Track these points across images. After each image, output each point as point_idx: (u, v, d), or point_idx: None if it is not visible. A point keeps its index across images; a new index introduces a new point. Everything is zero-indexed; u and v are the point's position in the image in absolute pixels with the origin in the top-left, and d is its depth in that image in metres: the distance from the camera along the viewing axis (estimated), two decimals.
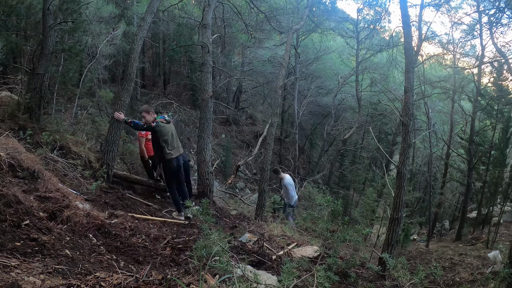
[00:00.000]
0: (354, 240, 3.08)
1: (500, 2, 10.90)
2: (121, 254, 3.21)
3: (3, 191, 3.22)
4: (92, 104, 10.57)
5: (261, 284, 2.14)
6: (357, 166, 20.02)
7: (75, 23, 7.36)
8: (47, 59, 6.37)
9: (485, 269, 7.67)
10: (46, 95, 6.72)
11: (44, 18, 6.24)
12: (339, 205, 3.06)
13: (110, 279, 1.78)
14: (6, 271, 2.07)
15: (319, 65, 19.96)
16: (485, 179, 13.46)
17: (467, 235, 13.58)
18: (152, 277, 1.81)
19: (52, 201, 3.60)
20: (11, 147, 4.24)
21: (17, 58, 9.28)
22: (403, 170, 5.88)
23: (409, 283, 2.94)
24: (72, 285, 1.72)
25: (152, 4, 6.82)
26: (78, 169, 5.82)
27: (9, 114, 6.13)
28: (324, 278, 2.46)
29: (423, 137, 17.35)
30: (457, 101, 17.47)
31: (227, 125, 20.13)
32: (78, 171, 5.75)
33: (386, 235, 6.21)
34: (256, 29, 15.51)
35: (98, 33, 10.68)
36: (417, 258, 10.56)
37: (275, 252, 4.10)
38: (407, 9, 6.45)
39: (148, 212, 5.52)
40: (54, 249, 2.68)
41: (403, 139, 6.20)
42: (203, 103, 7.93)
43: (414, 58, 8.06)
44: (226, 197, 11.45)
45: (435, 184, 17.42)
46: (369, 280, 4.11)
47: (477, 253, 10.39)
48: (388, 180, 9.73)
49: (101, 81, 12.87)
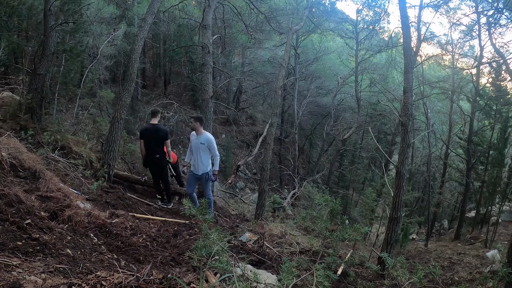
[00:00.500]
0: (353, 239, 3.08)
1: (498, 3, 10.90)
2: (122, 254, 3.21)
3: (5, 190, 3.22)
4: (93, 104, 10.58)
5: (260, 283, 2.14)
6: (357, 166, 20.02)
7: (76, 24, 7.37)
8: (49, 59, 6.38)
9: (483, 268, 7.67)
10: (48, 96, 6.73)
11: (46, 19, 6.25)
12: (338, 205, 3.05)
13: (111, 278, 1.78)
14: (7, 270, 2.07)
15: (318, 66, 19.95)
16: (484, 179, 13.46)
17: (466, 234, 13.58)
18: (152, 276, 1.81)
19: (53, 200, 3.60)
20: (13, 147, 4.24)
21: (19, 58, 9.28)
22: (402, 170, 5.88)
23: (408, 282, 2.94)
24: (73, 284, 1.72)
25: (152, 5, 6.82)
26: (79, 169, 5.83)
27: (11, 114, 6.14)
28: (324, 277, 2.46)
29: (422, 137, 17.37)
30: (455, 101, 17.47)
31: (227, 125, 20.13)
32: (79, 171, 5.75)
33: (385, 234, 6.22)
34: (256, 30, 15.50)
35: (99, 34, 10.69)
36: (416, 257, 10.56)
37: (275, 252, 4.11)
38: (406, 10, 6.46)
39: (148, 211, 5.52)
40: (55, 248, 2.68)
41: (402, 139, 6.21)
42: (203, 103, 7.94)
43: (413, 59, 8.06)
44: (227, 197, 11.45)
45: (434, 183, 17.42)
46: (368, 279, 4.11)
47: (476, 252, 10.40)
48: (387, 180, 9.74)
49: (102, 82, 12.87)
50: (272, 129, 8.91)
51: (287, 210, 11.58)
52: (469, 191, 15.11)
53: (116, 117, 6.16)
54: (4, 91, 7.34)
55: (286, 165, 18.11)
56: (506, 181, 13.01)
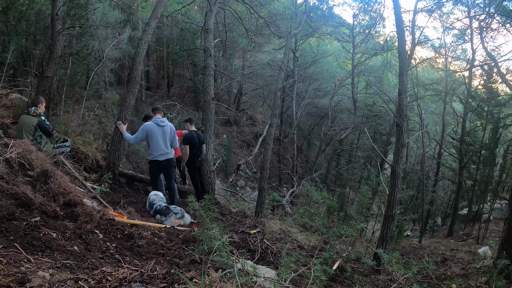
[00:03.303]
0: (350, 235, 3.09)
1: (490, 8, 10.89)
2: (126, 250, 3.21)
3: (14, 189, 3.23)
4: (99, 106, 10.59)
5: (260, 277, 2.14)
6: (353, 165, 20.03)
7: (82, 28, 7.38)
8: (56, 62, 6.39)
9: (475, 264, 7.67)
10: (55, 97, 6.74)
11: (53, 23, 6.25)
12: (335, 202, 3.06)
13: (116, 274, 1.78)
14: (16, 266, 2.07)
15: (316, 68, 19.94)
16: (476, 178, 13.47)
17: (458, 231, 13.59)
18: (156, 271, 1.81)
19: (61, 198, 3.61)
20: (22, 147, 4.24)
21: (27, 61, 9.29)
22: (397, 169, 5.89)
23: (403, 277, 2.94)
24: (80, 279, 1.72)
25: (156, 9, 6.83)
26: (86, 168, 5.83)
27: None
28: (321, 272, 2.46)
29: (416, 137, 17.36)
30: (448, 102, 17.48)
31: (228, 125, 20.13)
32: (85, 170, 5.75)
33: (380, 231, 6.22)
34: (256, 34, 15.49)
35: (105, 38, 10.69)
36: (411, 253, 10.56)
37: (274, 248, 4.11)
38: (401, 14, 6.46)
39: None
40: (62, 245, 2.69)
41: (397, 139, 6.21)
42: (205, 104, 7.94)
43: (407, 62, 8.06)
44: (228, 195, 11.45)
45: (427, 182, 17.42)
46: (364, 274, 4.12)
47: (468, 248, 10.41)
48: (382, 179, 9.76)
49: (108, 84, 12.87)
50: (272, 130, 8.92)
51: (286, 208, 11.58)
52: (461, 190, 15.12)
53: (121, 118, 6.17)
54: (13, 92, 7.35)
55: (285, 164, 18.11)
56: (497, 179, 13.02)
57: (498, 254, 5.12)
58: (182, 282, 1.68)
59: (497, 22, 11.52)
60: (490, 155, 12.63)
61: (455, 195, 15.44)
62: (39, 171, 3.88)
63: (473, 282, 4.64)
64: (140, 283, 1.70)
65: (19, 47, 8.01)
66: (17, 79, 8.56)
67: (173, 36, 16.62)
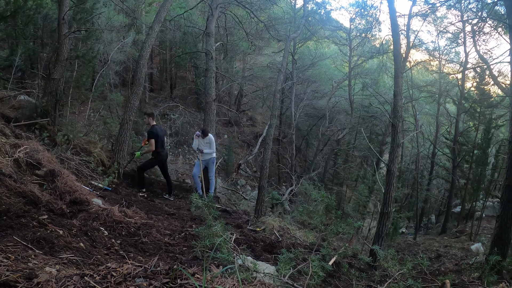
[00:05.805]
0: (347, 233, 3.08)
1: (482, 12, 10.89)
2: (131, 246, 3.21)
3: (22, 188, 3.23)
4: (104, 107, 10.58)
5: (260, 273, 2.14)
6: (350, 164, 20.01)
7: (88, 31, 7.37)
8: (62, 65, 6.38)
9: (468, 260, 7.67)
10: (61, 99, 6.73)
11: (60, 27, 6.25)
12: (333, 200, 3.05)
13: (121, 269, 1.78)
14: (24, 262, 2.07)
15: (314, 71, 19.93)
16: (469, 177, 13.48)
17: (452, 228, 13.58)
18: (159, 267, 1.81)
19: (67, 197, 3.61)
20: (30, 147, 4.24)
21: (34, 64, 9.29)
22: (392, 168, 5.89)
23: (398, 273, 2.94)
24: (85, 275, 1.72)
25: (159, 14, 6.83)
26: (91, 167, 5.83)
27: (27, 116, 6.14)
28: (319, 267, 2.46)
29: (411, 137, 17.35)
30: (442, 104, 17.48)
31: (229, 126, 20.11)
32: (91, 169, 5.75)
33: (376, 228, 6.23)
34: (256, 37, 15.48)
35: (110, 41, 10.69)
36: (406, 249, 10.57)
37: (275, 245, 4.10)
38: (396, 18, 6.46)
39: (153, 207, 5.51)
40: (68, 241, 2.68)
41: (392, 139, 6.21)
42: (207, 106, 7.94)
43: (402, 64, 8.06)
44: (229, 193, 11.45)
45: (422, 181, 17.41)
46: (361, 270, 4.12)
47: (461, 245, 10.42)
48: (378, 177, 9.75)
49: (112, 86, 12.86)
50: (271, 130, 8.92)
51: (285, 206, 11.57)
52: (454, 188, 15.12)
53: (126, 119, 6.17)
54: (21, 94, 7.35)
55: (284, 164, 18.10)
56: (489, 178, 13.03)
57: (490, 251, 5.13)
58: (184, 277, 1.68)
59: (489, 26, 11.53)
60: (482, 155, 12.63)
61: (449, 194, 15.43)
62: (46, 170, 3.87)
63: (466, 277, 4.64)
64: (144, 279, 1.70)
65: (27, 50, 8.01)
66: (25, 81, 8.57)
67: (176, 39, 16.61)
